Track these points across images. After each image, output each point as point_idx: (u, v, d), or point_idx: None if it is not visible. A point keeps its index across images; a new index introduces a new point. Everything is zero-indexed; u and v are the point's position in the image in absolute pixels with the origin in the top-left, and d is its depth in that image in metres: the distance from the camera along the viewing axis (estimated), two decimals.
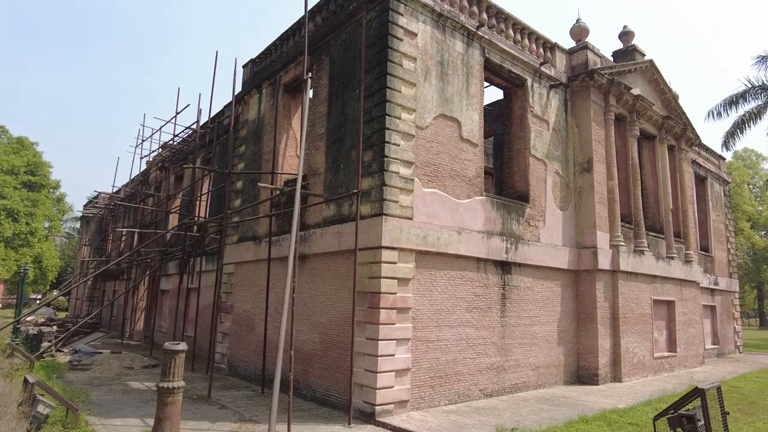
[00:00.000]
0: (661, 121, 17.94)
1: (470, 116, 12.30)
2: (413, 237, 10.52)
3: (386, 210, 10.20)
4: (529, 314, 13.12)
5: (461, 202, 11.77)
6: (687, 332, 17.81)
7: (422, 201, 10.94)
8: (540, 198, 13.96)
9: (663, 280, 16.75)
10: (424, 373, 10.54)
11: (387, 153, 10.39)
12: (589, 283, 14.34)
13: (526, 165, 13.84)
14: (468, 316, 11.56)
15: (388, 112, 10.54)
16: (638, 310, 15.37)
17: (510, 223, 12.92)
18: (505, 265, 12.62)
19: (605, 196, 15.03)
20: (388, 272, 10.07)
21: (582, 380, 14.13)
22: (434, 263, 11.04)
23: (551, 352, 13.56)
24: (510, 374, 12.34)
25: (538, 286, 13.50)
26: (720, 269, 23.59)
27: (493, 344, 12.04)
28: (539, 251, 13.47)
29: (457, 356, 11.18)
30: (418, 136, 11.12)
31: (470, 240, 11.67)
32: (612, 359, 14.36)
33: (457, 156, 11.88)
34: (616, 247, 14.75)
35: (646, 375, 15.33)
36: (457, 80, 12.14)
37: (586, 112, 15.13)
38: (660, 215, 17.93)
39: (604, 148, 15.33)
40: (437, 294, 11.02)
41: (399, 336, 10.07)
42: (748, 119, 28.40)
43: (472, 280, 11.77)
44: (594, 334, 14.07)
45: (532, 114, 14.10)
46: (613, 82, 15.28)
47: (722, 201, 24.81)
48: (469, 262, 11.76)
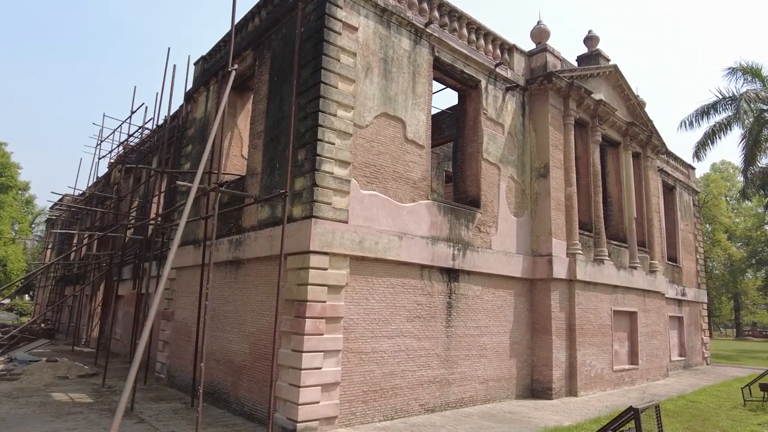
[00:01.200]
0: (625, 127, 17.57)
1: (416, 116, 11.74)
2: (347, 241, 9.88)
3: (317, 212, 9.56)
4: (478, 324, 12.52)
5: (404, 206, 11.17)
6: (650, 344, 17.35)
7: (360, 203, 10.32)
8: (492, 203, 13.42)
9: (625, 291, 16.29)
10: (357, 388, 9.86)
11: (320, 152, 9.77)
12: (544, 292, 13.80)
13: (477, 169, 13.30)
14: (409, 325, 10.93)
15: (322, 109, 9.94)
16: (597, 321, 14.85)
17: (458, 229, 12.35)
18: (452, 273, 12.03)
19: (562, 202, 14.54)
20: (316, 279, 9.41)
21: (536, 394, 13.54)
22: (372, 270, 10.41)
23: (502, 364, 12.96)
24: (455, 388, 11.71)
25: (489, 295, 12.92)
26: (688, 280, 23.27)
27: (437, 356, 11.41)
28: (490, 258, 12.90)
29: (395, 369, 10.53)
30: (357, 135, 10.52)
31: (413, 245, 11.06)
32: (568, 372, 13.79)
33: (401, 157, 11.30)
34: (573, 256, 14.24)
35: (605, 389, 14.79)
36: (402, 78, 11.59)
37: (544, 115, 14.68)
38: (623, 224, 17.51)
39: (562, 154, 14.87)
40: (374, 302, 10.37)
41: (327, 347, 9.39)
42: (718, 130, 28.42)
43: (414, 288, 11.15)
44: (548, 345, 13.50)
45: (486, 117, 13.60)
46: (572, 85, 14.85)
47: (691, 211, 24.55)
48: (412, 268, 11.14)
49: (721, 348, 39.86)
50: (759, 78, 28.59)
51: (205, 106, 15.50)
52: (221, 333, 12.18)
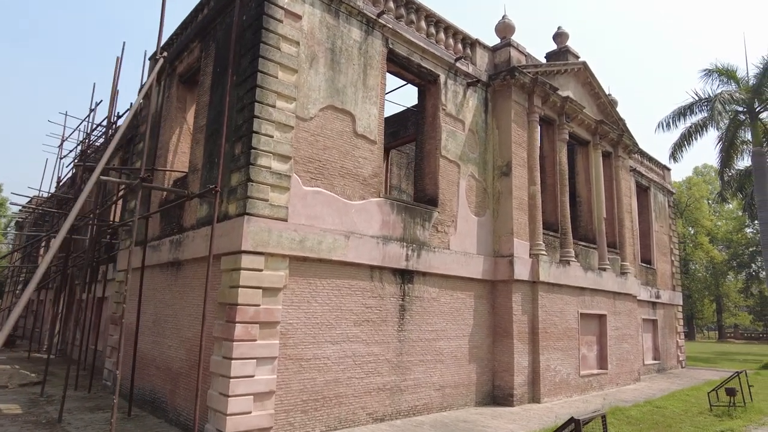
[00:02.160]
0: (595, 125, 17.18)
1: (367, 110, 11.19)
2: (286, 241, 9.29)
3: (251, 209, 8.96)
4: (435, 328, 11.97)
5: (353, 204, 10.60)
6: (620, 348, 16.91)
7: (302, 201, 9.74)
8: (451, 202, 12.90)
9: (593, 293, 15.84)
10: (295, 397, 9.25)
11: (255, 145, 9.18)
12: (506, 294, 13.30)
13: (436, 167, 12.78)
14: (356, 330, 10.34)
15: (259, 99, 9.35)
16: (562, 324, 14.37)
17: (413, 229, 11.80)
18: (406, 274, 11.47)
19: (525, 201, 14.06)
20: (250, 281, 8.80)
21: (497, 401, 13.01)
22: (315, 271, 9.82)
23: (460, 370, 12.41)
24: (408, 395, 11.13)
25: (447, 297, 12.38)
26: (663, 282, 22.94)
27: (388, 362, 10.83)
28: (447, 259, 12.37)
29: (339, 376, 9.93)
30: (300, 128, 9.95)
31: (361, 245, 10.49)
32: (530, 378, 13.28)
33: (350, 153, 10.74)
34: (536, 256, 13.76)
35: (571, 395, 14.30)
36: (352, 70, 11.05)
37: (507, 112, 14.21)
38: (593, 224, 17.09)
39: (526, 152, 14.40)
40: (317, 306, 9.78)
41: (261, 354, 8.77)
42: (694, 131, 28.26)
43: (363, 290, 10.57)
44: (510, 350, 12.98)
45: (445, 113, 13.09)
46: (537, 81, 14.41)
47: (666, 212, 24.26)
48: (360, 269, 10.57)
49: (701, 350, 39.71)
50: (734, 79, 28.49)
51: (157, 102, 14.84)
52: (161, 338, 11.52)
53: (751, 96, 27.24)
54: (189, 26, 13.76)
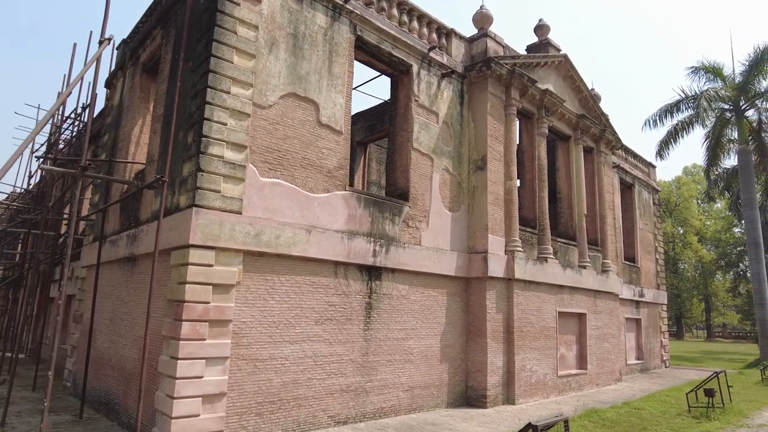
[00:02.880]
0: (576, 120, 16.78)
1: (332, 99, 10.71)
2: (240, 234, 8.79)
3: (200, 200, 8.46)
4: (404, 326, 11.51)
5: (315, 197, 10.12)
6: (601, 347, 16.54)
7: (258, 192, 9.25)
8: (423, 197, 12.45)
9: (572, 291, 15.44)
10: (249, 399, 8.76)
11: (207, 132, 8.68)
12: (480, 291, 12.86)
13: (407, 159, 12.32)
14: (318, 329, 9.86)
15: (211, 85, 8.85)
16: (539, 323, 13.96)
17: (382, 224, 11.34)
18: (374, 270, 11.00)
19: (501, 197, 13.64)
20: (198, 277, 8.30)
21: (470, 402, 12.57)
22: (272, 267, 9.33)
23: (431, 370, 11.96)
24: (374, 397, 10.67)
25: (417, 295, 11.93)
26: (647, 280, 22.62)
27: (352, 362, 10.36)
28: (419, 255, 11.91)
29: (298, 377, 9.45)
30: (258, 116, 9.45)
31: (324, 240, 10.01)
32: (505, 378, 12.85)
33: (313, 143, 10.25)
34: (512, 253, 13.33)
35: (548, 396, 13.90)
36: (316, 57, 10.56)
37: (483, 104, 13.77)
38: (573, 221, 16.70)
39: (502, 145, 13.97)
40: (275, 303, 9.29)
41: (211, 354, 8.28)
42: (681, 129, 28.04)
43: (326, 287, 10.10)
44: (483, 349, 12.55)
45: (418, 104, 12.64)
46: (514, 73, 13.97)
47: (651, 210, 23.95)
48: (323, 266, 10.09)
49: (688, 350, 39.53)
50: (720, 77, 28.32)
51: (120, 92, 14.29)
52: (118, 337, 11.00)
53: (737, 93, 27.06)
54: (153, 13, 13.22)
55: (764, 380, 18.13)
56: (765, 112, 27.43)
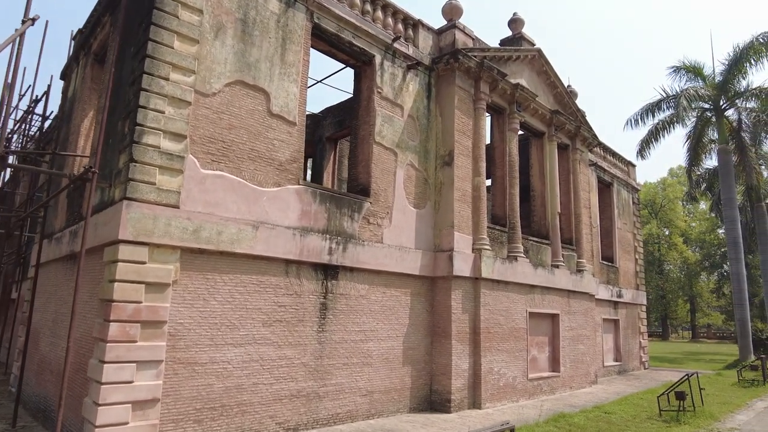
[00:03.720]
0: (550, 116, 16.38)
1: (285, 88, 10.18)
2: (176, 230, 8.23)
3: (132, 193, 7.90)
4: (363, 328, 10.99)
5: (265, 191, 9.58)
6: (575, 349, 16.13)
7: (199, 185, 8.69)
8: (386, 192, 11.95)
9: (544, 291, 15.01)
10: (187, 405, 8.19)
11: (141, 121, 8.12)
12: (445, 291, 12.38)
13: (369, 154, 11.82)
14: (265, 331, 9.31)
15: (148, 70, 8.29)
16: (508, 324, 13.51)
17: (340, 220, 10.82)
18: (329, 269, 10.47)
19: (469, 193, 13.17)
20: (129, 275, 7.73)
21: (434, 407, 12.07)
22: (214, 265, 8.77)
23: (393, 373, 11.45)
24: (328, 402, 10.13)
25: (378, 295, 11.41)
26: (626, 281, 22.28)
27: (304, 366, 9.82)
28: (380, 253, 11.40)
29: (243, 382, 8.89)
30: (200, 104, 8.90)
31: (273, 237, 9.46)
32: (471, 382, 12.37)
33: (262, 134, 9.71)
34: (479, 251, 12.87)
35: (517, 399, 13.43)
36: (267, 44, 10.02)
37: (450, 98, 13.31)
38: (546, 219, 16.29)
39: (471, 141, 13.51)
40: (216, 304, 8.73)
41: (142, 357, 7.71)
42: (662, 128, 27.80)
43: (275, 287, 9.55)
44: (448, 351, 12.06)
45: (381, 96, 12.14)
46: (483, 66, 13.52)
47: (630, 209, 23.64)
48: (272, 264, 9.54)
49: (671, 350, 39.39)
50: (701, 76, 28.14)
51: (74, 84, 13.67)
52: (58, 339, 10.37)
53: (717, 93, 26.89)
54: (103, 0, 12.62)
55: (741, 382, 17.83)
56: (744, 111, 27.27)
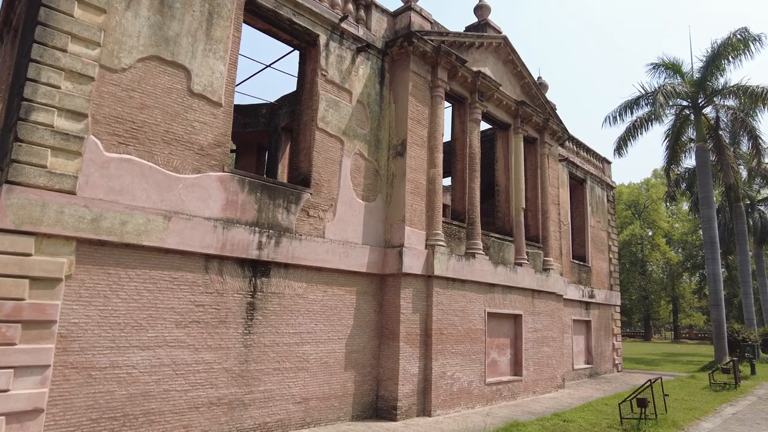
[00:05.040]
0: (515, 107, 15.62)
1: (210, 66, 9.29)
2: (71, 219, 7.32)
3: (16, 176, 6.98)
4: (299, 330, 10.13)
5: (182, 178, 8.68)
6: (540, 352, 15.38)
7: (101, 170, 7.78)
8: (330, 183, 11.10)
9: (505, 290, 14.24)
10: (80, 415, 7.29)
11: (30, 96, 7.20)
12: (394, 290, 11.56)
13: (311, 140, 10.96)
14: (180, 333, 8.42)
15: (40, 39, 7.38)
16: (464, 325, 12.72)
17: (273, 212, 9.95)
18: (259, 266, 9.60)
19: (423, 186, 12.37)
20: (8, 268, 6.81)
21: (380, 414, 11.24)
22: (118, 259, 7.87)
23: (333, 378, 10.60)
24: (255, 411, 9.25)
25: (318, 294, 10.56)
26: (599, 281, 21.63)
27: (226, 371, 8.93)
28: (320, 249, 10.55)
29: (151, 389, 7.99)
30: (106, 80, 7.99)
31: (190, 229, 8.57)
32: (421, 387, 11.55)
33: (181, 115, 8.82)
34: (432, 247, 12.06)
35: (473, 405, 12.64)
36: (190, 18, 9.13)
37: (404, 84, 12.49)
38: (510, 215, 15.54)
39: (426, 130, 12.71)
40: (120, 302, 7.83)
41: (22, 362, 6.78)
42: (639, 125, 27.22)
43: (192, 285, 8.66)
44: (395, 354, 11.24)
45: (326, 79, 11.29)
46: (440, 50, 12.71)
47: (605, 207, 23.00)
48: (189, 259, 8.65)
49: (650, 352, 38.95)
50: (679, 73, 27.61)
51: None
52: None
53: (695, 90, 26.37)
54: None
55: (712, 385, 17.21)
56: (722, 109, 26.77)
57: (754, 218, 37.89)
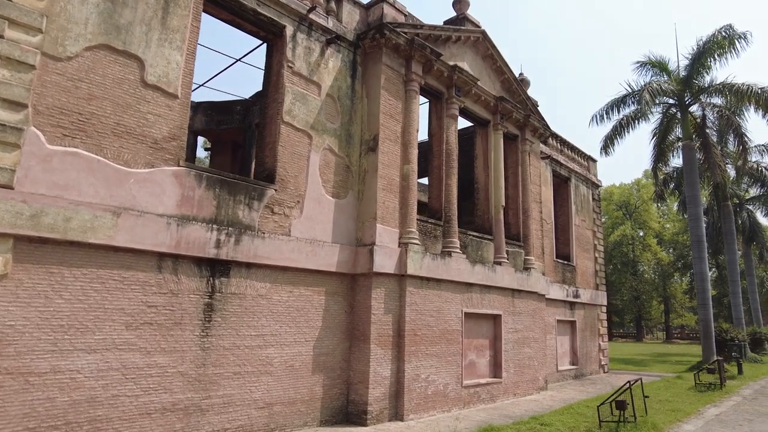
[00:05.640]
0: (495, 103, 15.29)
1: (166, 56, 8.88)
2: (7, 215, 6.88)
3: None
4: (262, 332, 9.71)
5: (133, 172, 8.27)
6: (520, 353, 15.03)
7: (44, 163, 7.36)
8: (297, 179, 10.70)
9: (484, 290, 13.88)
10: (15, 424, 6.83)
11: None
12: (366, 290, 11.17)
13: (276, 135, 10.56)
14: (130, 335, 7.99)
15: None
16: (440, 325, 12.34)
17: (234, 209, 9.54)
18: (218, 265, 9.18)
19: (396, 182, 12.00)
20: None
21: (350, 418, 10.84)
22: (61, 257, 7.43)
23: (300, 382, 10.19)
24: (213, 417, 8.82)
25: (283, 294, 10.15)
26: (584, 280, 21.31)
27: (181, 375, 8.51)
28: (286, 248, 10.14)
29: (97, 394, 7.56)
30: (50, 69, 7.56)
31: (141, 226, 8.15)
32: (394, 390, 11.16)
33: (133, 107, 8.40)
34: (406, 246, 11.69)
35: (449, 409, 12.25)
36: (145, 5, 8.71)
37: (376, 77, 12.13)
38: (490, 213, 15.19)
39: (400, 125, 12.35)
40: (64, 303, 7.39)
41: None
42: (626, 124, 26.97)
43: (143, 285, 8.23)
44: (366, 357, 10.85)
45: (293, 71, 10.90)
46: (414, 43, 12.36)
47: (590, 205, 22.72)
48: (140, 258, 8.22)
49: (640, 352, 38.73)
50: (666, 71, 27.39)
51: None
52: None
53: (681, 88, 26.17)
54: None
55: (697, 386, 16.91)
56: (709, 107, 26.59)
57: (742, 217, 37.78)
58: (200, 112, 16.45)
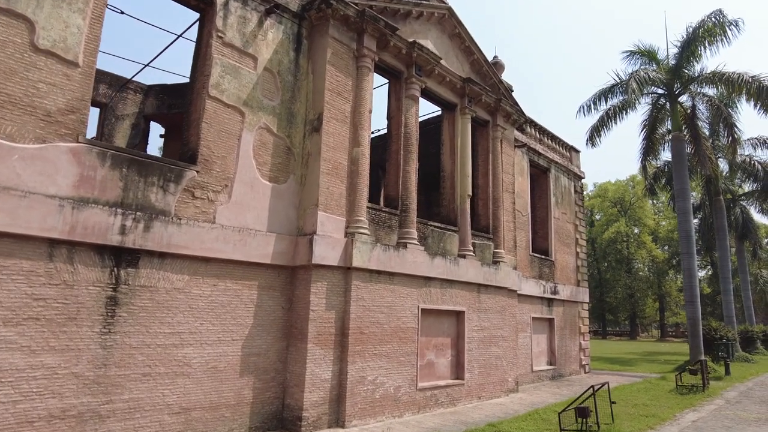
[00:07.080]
0: (462, 85, 14.27)
1: (63, 19, 7.86)
2: None
3: None
4: (178, 330, 8.72)
5: (18, 147, 7.26)
6: (486, 353, 14.04)
7: None
8: (225, 161, 9.69)
9: (445, 284, 12.88)
10: None
11: None
12: (305, 284, 10.18)
13: (201, 111, 9.54)
14: (9, 332, 6.99)
15: None
16: (392, 323, 11.35)
17: (145, 191, 8.54)
18: (124, 254, 8.18)
19: (343, 166, 10.99)
20: None
21: (285, 425, 9.86)
22: None
23: (224, 385, 9.20)
24: (115, 424, 7.84)
25: (205, 288, 9.15)
26: (563, 276, 20.31)
27: (75, 377, 7.52)
28: (208, 236, 9.14)
29: None
30: None
31: (24, 208, 7.15)
32: (335, 394, 10.17)
33: (19, 74, 7.39)
34: (352, 236, 10.69)
35: (401, 414, 11.27)
36: None
37: (323, 51, 11.11)
38: (455, 203, 14.18)
39: (350, 104, 11.34)
40: None
41: None
42: (613, 114, 25.95)
43: (29, 274, 7.24)
44: (302, 357, 9.87)
45: (223, 42, 9.88)
46: (365, 15, 11.33)
47: (572, 198, 21.70)
48: (25, 244, 7.23)
49: (630, 351, 37.76)
50: (654, 60, 26.35)
51: None
52: None
53: (671, 77, 25.11)
54: None
55: (679, 388, 15.94)
56: (698, 97, 25.56)
57: (735, 213, 36.75)
58: (151, 95, 15.45)
